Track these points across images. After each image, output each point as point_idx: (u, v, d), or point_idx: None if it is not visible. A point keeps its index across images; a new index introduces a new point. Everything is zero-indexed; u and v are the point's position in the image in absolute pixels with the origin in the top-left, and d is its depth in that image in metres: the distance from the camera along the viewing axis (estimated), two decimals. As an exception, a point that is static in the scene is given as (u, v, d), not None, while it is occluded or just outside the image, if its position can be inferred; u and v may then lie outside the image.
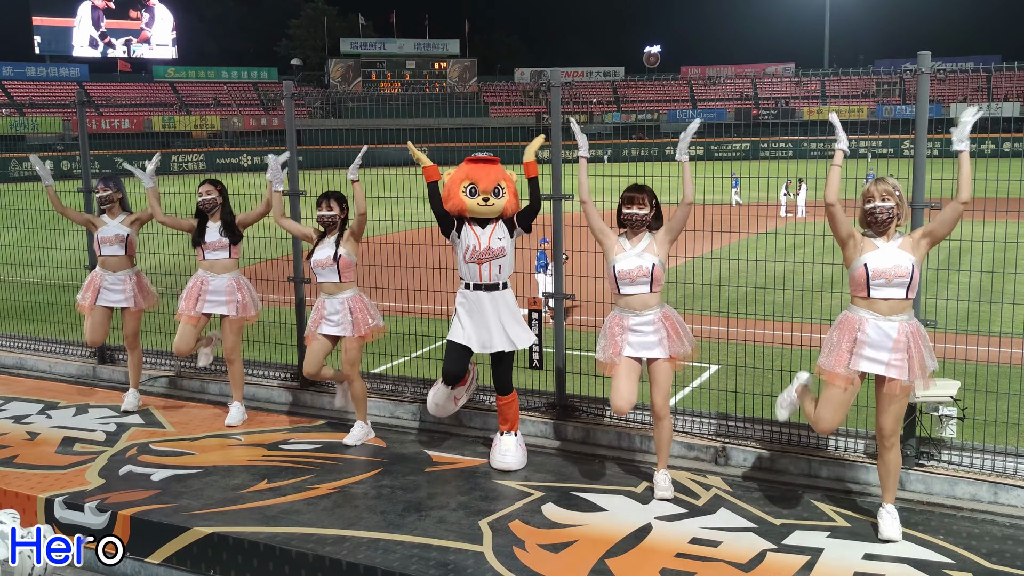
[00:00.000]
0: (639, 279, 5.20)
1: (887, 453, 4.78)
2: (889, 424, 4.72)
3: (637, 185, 5.35)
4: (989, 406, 6.24)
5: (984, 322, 7.94)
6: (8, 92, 61.76)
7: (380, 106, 45.19)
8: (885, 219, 4.67)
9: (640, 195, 5.27)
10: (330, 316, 6.30)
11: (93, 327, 7.35)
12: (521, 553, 4.66)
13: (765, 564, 4.52)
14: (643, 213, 5.26)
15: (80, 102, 8.72)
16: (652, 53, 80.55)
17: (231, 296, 6.83)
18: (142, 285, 7.41)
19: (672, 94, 72.75)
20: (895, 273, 4.62)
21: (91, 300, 7.31)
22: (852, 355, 4.68)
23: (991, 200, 5.95)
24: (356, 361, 6.36)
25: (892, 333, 4.64)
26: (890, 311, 4.65)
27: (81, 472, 5.91)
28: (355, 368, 6.37)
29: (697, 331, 5.62)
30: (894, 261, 4.64)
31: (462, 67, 74.31)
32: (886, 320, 4.65)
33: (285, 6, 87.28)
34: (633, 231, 5.31)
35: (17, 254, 9.98)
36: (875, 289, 4.64)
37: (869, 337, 4.66)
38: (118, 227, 7.31)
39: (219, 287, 6.84)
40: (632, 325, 5.26)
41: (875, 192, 4.68)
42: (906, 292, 4.65)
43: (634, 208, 5.26)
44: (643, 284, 5.21)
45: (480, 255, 5.72)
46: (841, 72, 6.29)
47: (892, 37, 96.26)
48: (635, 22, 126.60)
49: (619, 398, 5.20)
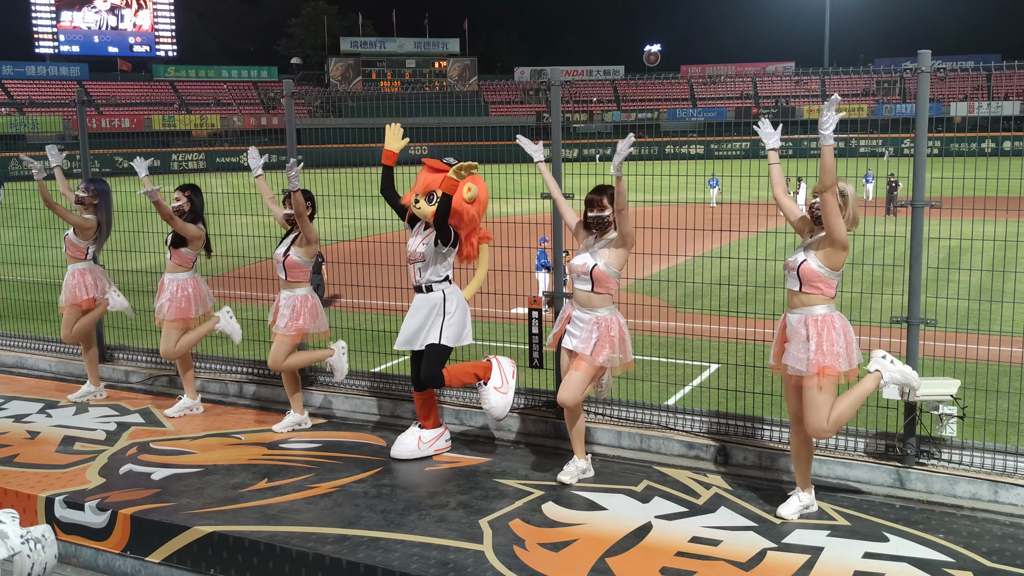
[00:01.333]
0: (582, 275, 5.40)
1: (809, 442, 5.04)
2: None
3: (598, 187, 5.46)
4: (989, 405, 6.24)
5: (984, 321, 7.94)
6: (8, 91, 61.74)
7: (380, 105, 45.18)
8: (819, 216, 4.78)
9: (600, 197, 5.38)
10: (283, 309, 6.59)
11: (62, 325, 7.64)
12: (521, 552, 4.66)
13: (765, 563, 4.52)
14: (604, 215, 5.37)
15: (80, 101, 8.71)
16: (652, 52, 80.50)
17: (167, 298, 7.02)
18: (77, 281, 7.51)
19: (672, 93, 72.68)
20: (790, 266, 4.90)
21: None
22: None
23: (991, 199, 5.95)
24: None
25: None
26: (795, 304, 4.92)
27: (81, 471, 5.92)
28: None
29: (697, 330, 5.63)
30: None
31: (462, 66, 74.25)
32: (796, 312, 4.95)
33: (285, 5, 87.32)
34: (600, 232, 5.44)
35: (17, 253, 9.97)
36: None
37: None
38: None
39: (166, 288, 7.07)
40: (574, 316, 5.49)
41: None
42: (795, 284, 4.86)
43: (595, 211, 5.39)
44: (585, 282, 5.39)
45: (408, 256, 6.00)
46: (841, 71, 6.29)
47: (892, 36, 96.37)
48: (635, 21, 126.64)
49: (561, 391, 5.47)
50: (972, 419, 5.83)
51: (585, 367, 5.37)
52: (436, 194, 5.77)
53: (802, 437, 5.02)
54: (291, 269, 6.49)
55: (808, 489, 5.11)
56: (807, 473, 5.12)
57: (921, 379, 5.11)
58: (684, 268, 7.16)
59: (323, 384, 7.46)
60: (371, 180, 7.34)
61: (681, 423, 6.19)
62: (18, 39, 68.35)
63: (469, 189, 5.83)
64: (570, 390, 5.40)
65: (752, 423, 6.05)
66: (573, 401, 5.42)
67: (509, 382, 5.96)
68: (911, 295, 5.47)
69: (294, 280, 6.54)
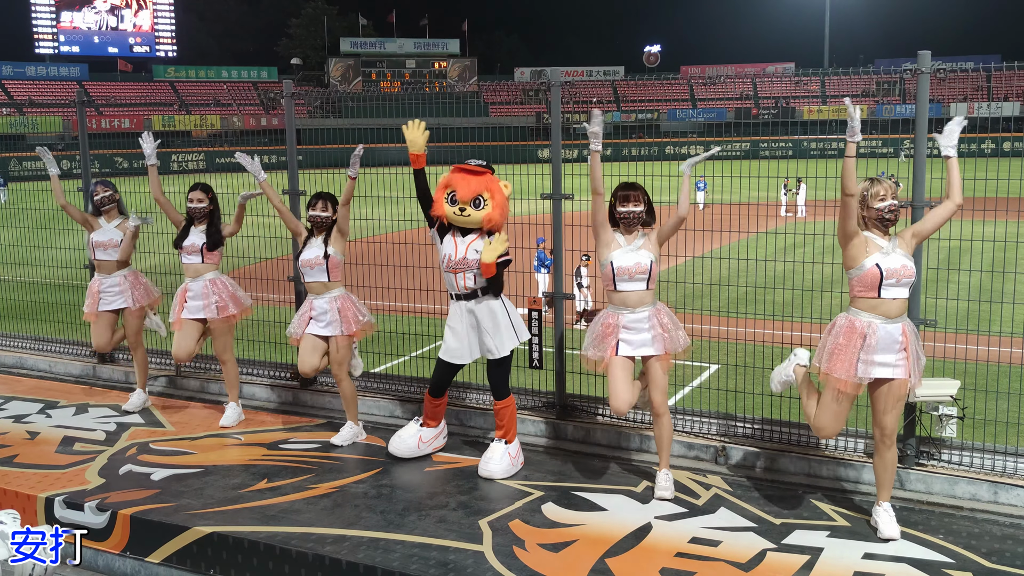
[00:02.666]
0: (637, 275, 5.22)
1: (887, 452, 4.78)
2: (891, 423, 4.73)
3: (630, 183, 5.39)
4: (989, 405, 6.24)
5: (984, 322, 7.95)
6: (8, 91, 61.74)
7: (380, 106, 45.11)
8: (897, 218, 4.69)
9: (635, 192, 5.32)
10: (319, 317, 6.31)
11: (97, 333, 7.39)
12: (521, 552, 4.66)
13: (765, 563, 4.52)
14: (639, 210, 5.29)
15: (80, 101, 8.72)
16: (652, 52, 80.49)
17: (207, 299, 6.85)
18: (138, 283, 7.41)
19: (672, 93, 72.69)
20: (904, 273, 4.63)
21: (93, 307, 7.34)
22: (861, 363, 4.64)
23: (991, 200, 5.95)
24: (344, 361, 6.37)
25: (898, 336, 4.65)
26: (898, 312, 4.66)
27: (81, 471, 5.91)
28: (343, 368, 6.38)
29: (697, 331, 5.63)
30: (900, 261, 4.64)
31: (462, 66, 74.26)
32: (892, 323, 4.64)
33: (285, 5, 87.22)
34: (628, 229, 5.33)
35: (17, 253, 9.98)
36: (886, 289, 4.62)
37: (880, 341, 4.63)
38: (113, 231, 7.33)
39: (196, 291, 6.88)
40: (626, 323, 5.27)
41: (886, 191, 4.67)
42: (908, 291, 4.69)
43: (630, 205, 5.28)
44: (641, 281, 5.24)
45: (455, 265, 5.68)
46: (841, 72, 6.29)
47: (892, 36, 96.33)
48: (635, 21, 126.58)
49: (618, 400, 5.21)
50: (972, 420, 5.82)
51: (663, 365, 5.30)
52: (483, 198, 5.55)
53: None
54: (334, 268, 6.28)
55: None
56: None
57: (921, 380, 5.12)
58: (684, 269, 7.16)
59: (323, 385, 7.47)
60: (371, 181, 7.34)
61: (681, 423, 6.19)
62: (18, 39, 68.42)
63: (506, 186, 5.72)
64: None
65: (752, 424, 6.05)
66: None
67: (517, 461, 5.87)
68: (911, 296, 5.46)
69: (336, 280, 6.33)
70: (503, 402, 5.82)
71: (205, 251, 6.87)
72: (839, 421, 4.78)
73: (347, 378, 6.45)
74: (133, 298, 7.32)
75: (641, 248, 5.27)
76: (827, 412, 4.78)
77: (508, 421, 5.81)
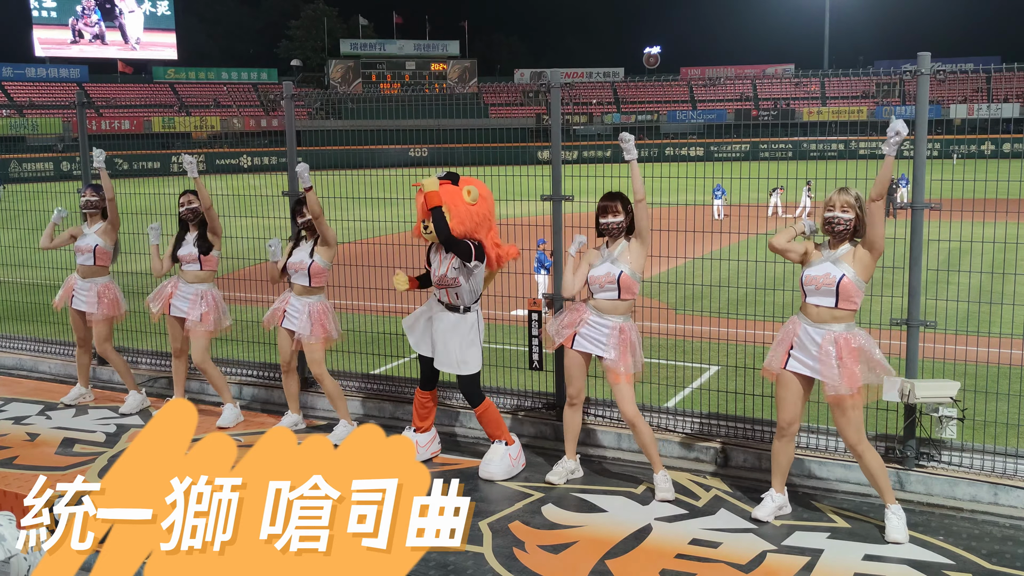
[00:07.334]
0: (607, 285, 5.33)
1: (861, 460, 4.88)
2: (849, 434, 4.82)
3: (611, 193, 5.44)
4: (989, 407, 6.24)
5: (984, 323, 7.94)
6: (8, 93, 61.76)
7: (380, 107, 45.20)
8: (840, 231, 4.76)
9: (614, 203, 5.37)
10: (292, 313, 6.50)
11: (73, 326, 7.65)
12: (521, 554, 4.65)
13: (765, 565, 4.52)
14: (617, 221, 5.35)
15: (80, 103, 8.71)
16: (652, 54, 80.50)
17: (194, 304, 6.92)
18: (105, 295, 7.43)
19: (672, 95, 72.69)
20: (823, 282, 4.74)
21: (63, 299, 7.55)
22: (789, 356, 4.86)
23: (991, 201, 5.95)
24: (320, 361, 6.48)
25: (818, 339, 4.76)
26: (822, 318, 4.77)
27: (81, 473, 5.91)
28: (321, 367, 6.48)
29: (697, 332, 5.63)
30: (825, 270, 4.75)
31: (462, 68, 74.27)
32: (814, 327, 4.78)
33: (285, 7, 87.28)
34: (612, 238, 5.40)
35: (17, 255, 9.97)
36: (808, 295, 4.82)
37: (799, 340, 4.83)
38: (92, 236, 7.42)
39: (186, 292, 6.98)
40: (591, 320, 5.40)
41: (837, 201, 4.74)
42: (835, 302, 4.71)
43: (608, 217, 5.36)
44: (611, 291, 5.34)
45: (438, 281, 5.76)
46: (841, 73, 6.29)
47: (892, 38, 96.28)
48: (635, 23, 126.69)
49: (571, 386, 5.51)
50: (972, 421, 5.83)
51: (627, 378, 5.36)
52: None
53: (787, 442, 5.02)
54: (316, 275, 6.43)
55: (783, 490, 5.13)
56: (786, 476, 5.14)
57: (922, 381, 5.13)
58: (684, 270, 7.16)
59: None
60: (371, 182, 7.34)
61: (681, 425, 6.19)
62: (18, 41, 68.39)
63: (468, 192, 5.60)
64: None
65: (752, 425, 6.05)
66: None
67: (518, 463, 5.89)
68: (911, 297, 5.47)
69: (317, 286, 6.48)
70: (479, 408, 5.87)
71: (202, 258, 6.95)
72: (785, 410, 4.94)
73: (328, 376, 6.55)
74: (99, 307, 7.39)
75: (618, 258, 5.34)
76: (776, 399, 5.02)
77: (491, 425, 5.86)
